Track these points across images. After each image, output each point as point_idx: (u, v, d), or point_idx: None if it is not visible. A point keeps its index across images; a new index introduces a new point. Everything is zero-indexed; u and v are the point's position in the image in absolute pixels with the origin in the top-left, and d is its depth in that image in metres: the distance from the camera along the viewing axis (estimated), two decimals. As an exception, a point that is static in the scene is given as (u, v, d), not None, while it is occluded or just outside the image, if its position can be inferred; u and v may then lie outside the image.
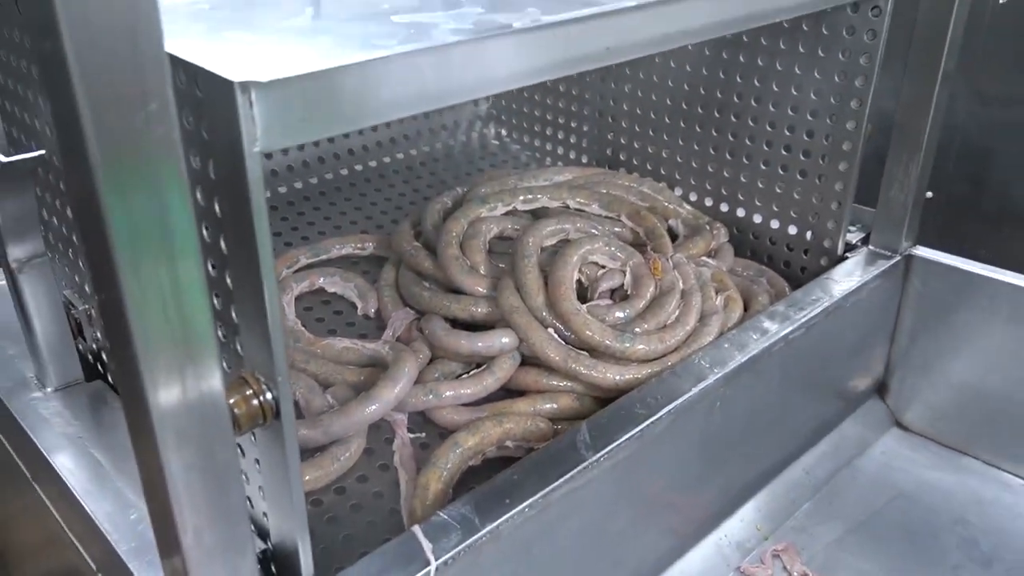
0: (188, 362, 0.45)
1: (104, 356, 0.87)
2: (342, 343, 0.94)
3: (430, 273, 1.03)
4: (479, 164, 1.45)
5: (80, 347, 0.87)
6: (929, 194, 1.43)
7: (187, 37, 0.54)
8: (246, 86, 0.44)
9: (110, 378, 0.88)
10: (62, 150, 0.41)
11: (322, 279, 1.08)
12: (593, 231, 1.03)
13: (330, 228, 1.24)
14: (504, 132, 1.52)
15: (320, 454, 0.84)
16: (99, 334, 0.85)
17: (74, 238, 0.80)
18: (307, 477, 0.82)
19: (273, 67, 0.47)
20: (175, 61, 0.49)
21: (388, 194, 1.33)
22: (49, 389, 0.86)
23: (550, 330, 0.90)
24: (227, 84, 0.45)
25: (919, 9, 0.98)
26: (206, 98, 0.48)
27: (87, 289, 0.83)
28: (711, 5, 0.70)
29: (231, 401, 0.54)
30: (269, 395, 0.55)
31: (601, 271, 0.97)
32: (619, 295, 0.99)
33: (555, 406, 0.89)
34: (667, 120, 1.23)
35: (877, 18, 0.96)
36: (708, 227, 1.14)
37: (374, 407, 0.83)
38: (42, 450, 0.79)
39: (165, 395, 0.45)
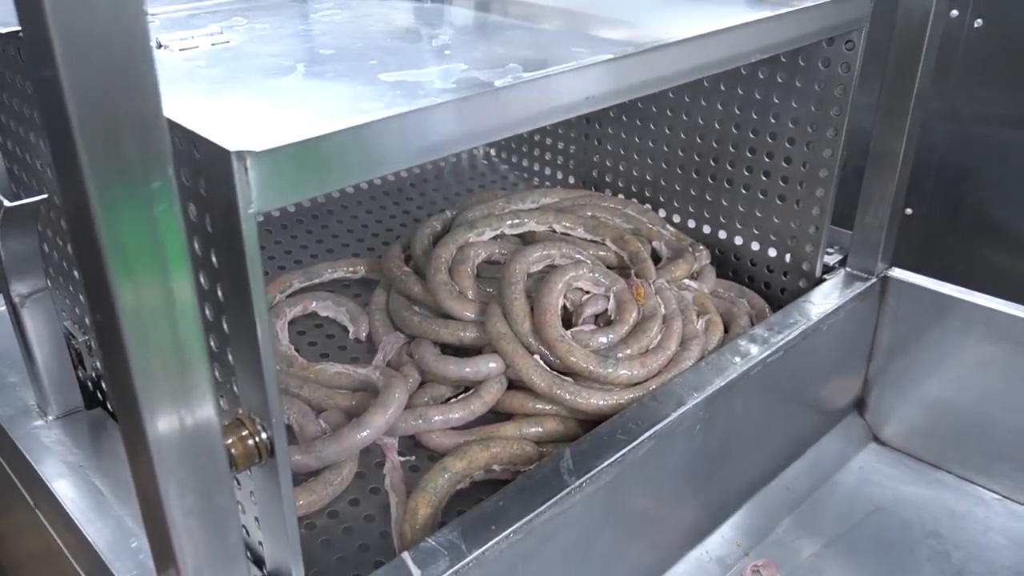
0: (184, 401, 0.48)
1: (103, 384, 0.89)
2: (334, 368, 0.97)
3: (420, 298, 1.06)
4: (468, 184, 1.48)
5: (80, 376, 0.90)
6: (909, 211, 1.47)
7: (185, 97, 0.57)
8: (242, 155, 0.47)
9: (109, 405, 0.91)
10: (68, 217, 0.44)
11: (315, 303, 1.11)
12: (578, 257, 1.06)
13: (322, 250, 1.27)
14: (493, 153, 1.55)
15: (313, 479, 0.87)
16: (98, 363, 0.88)
17: (75, 272, 0.83)
18: (301, 502, 0.84)
19: (267, 133, 0.50)
20: (174, 126, 0.52)
21: (379, 215, 1.36)
22: (50, 417, 0.88)
23: (536, 357, 0.93)
24: (224, 152, 0.48)
25: (893, 33, 1.01)
26: (203, 160, 0.51)
27: (87, 320, 0.86)
28: (686, 52, 0.74)
29: (228, 442, 0.58)
30: (264, 435, 0.58)
31: (585, 296, 1.00)
32: (603, 320, 1.02)
33: (540, 429, 0.92)
34: (651, 144, 1.26)
35: (851, 52, 0.99)
36: (691, 249, 1.17)
37: (365, 433, 0.86)
38: (44, 478, 0.82)
39: (164, 428, 0.47)
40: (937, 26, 0.99)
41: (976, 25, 1.32)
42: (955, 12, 1.32)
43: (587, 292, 1.02)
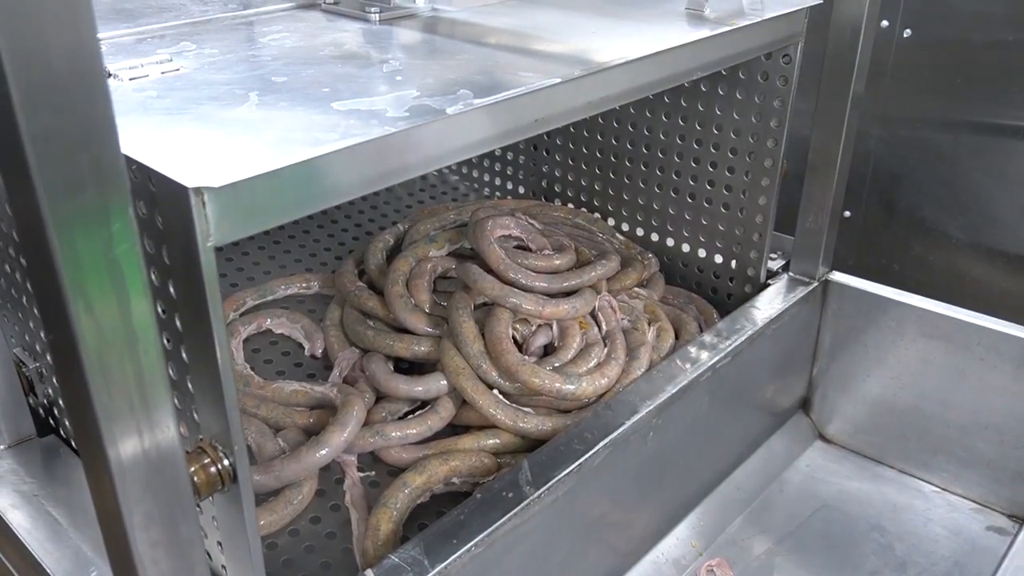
0: (148, 432, 0.48)
1: (56, 411, 0.88)
2: (291, 386, 0.97)
3: (374, 312, 1.07)
4: (419, 196, 1.49)
5: (32, 403, 0.89)
6: (847, 214, 1.53)
7: (139, 130, 0.57)
8: (199, 191, 0.48)
9: (63, 432, 0.90)
10: (27, 258, 0.44)
11: (269, 321, 1.11)
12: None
13: (275, 266, 1.26)
14: (443, 163, 1.56)
15: (273, 498, 0.87)
16: (51, 390, 0.87)
17: (23, 300, 0.82)
18: (262, 522, 0.85)
19: (224, 168, 0.50)
20: (129, 160, 0.52)
21: (331, 230, 1.36)
22: (2, 447, 0.87)
23: (495, 391, 0.94)
24: (181, 188, 0.48)
25: (827, 47, 1.05)
26: (160, 194, 0.52)
27: (38, 347, 0.85)
28: (631, 73, 0.76)
29: (191, 470, 0.58)
30: (227, 462, 0.59)
31: (534, 328, 1.01)
32: (550, 348, 1.03)
33: (498, 441, 0.94)
34: (599, 154, 1.28)
35: (788, 65, 1.03)
36: (640, 258, 1.20)
37: (324, 452, 0.86)
38: (-2, 509, 0.81)
39: (128, 461, 0.47)
40: (869, 38, 1.03)
41: (905, 35, 1.38)
42: (886, 23, 1.38)
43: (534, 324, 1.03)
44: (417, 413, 0.96)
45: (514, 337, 0.99)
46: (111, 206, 0.41)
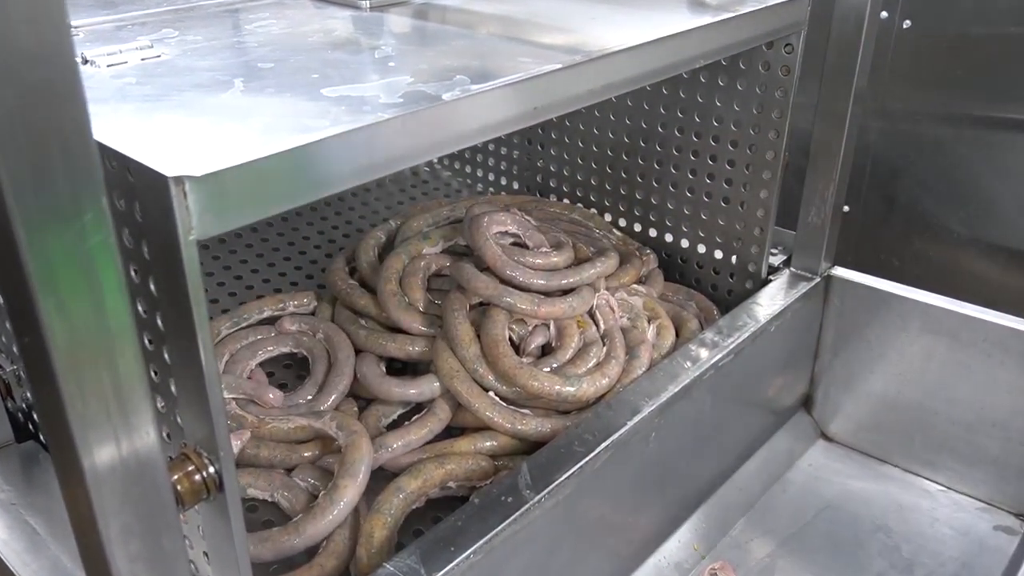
0: (125, 437, 0.45)
1: (35, 415, 0.85)
2: (288, 423, 0.90)
3: (366, 311, 1.04)
4: (411, 192, 1.45)
5: (9, 408, 0.85)
6: (846, 208, 1.50)
7: (116, 117, 0.54)
8: (180, 180, 0.45)
9: (42, 437, 0.86)
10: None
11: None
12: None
13: (263, 264, 1.23)
14: (435, 160, 1.53)
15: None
16: (29, 393, 0.83)
17: (-1, 299, 0.79)
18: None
19: (206, 156, 0.47)
20: (105, 149, 0.49)
21: (320, 227, 1.33)
22: (-22, 453, 0.84)
23: (491, 393, 0.91)
24: (160, 178, 0.45)
25: (830, 36, 1.02)
26: (138, 185, 0.48)
27: (15, 349, 0.81)
28: (633, 60, 0.73)
29: (174, 478, 0.55)
30: (212, 469, 0.56)
31: (531, 328, 0.98)
32: (547, 348, 1.00)
33: (495, 443, 0.91)
34: (594, 148, 1.26)
35: (790, 55, 1.00)
36: (638, 254, 1.17)
37: (339, 509, 0.80)
38: (-27, 518, 0.78)
39: (104, 468, 0.44)
40: (872, 28, 1.01)
41: (905, 26, 1.35)
42: (885, 14, 1.35)
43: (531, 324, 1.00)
44: (415, 417, 0.93)
45: (510, 338, 0.96)
46: (82, 194, 0.38)
